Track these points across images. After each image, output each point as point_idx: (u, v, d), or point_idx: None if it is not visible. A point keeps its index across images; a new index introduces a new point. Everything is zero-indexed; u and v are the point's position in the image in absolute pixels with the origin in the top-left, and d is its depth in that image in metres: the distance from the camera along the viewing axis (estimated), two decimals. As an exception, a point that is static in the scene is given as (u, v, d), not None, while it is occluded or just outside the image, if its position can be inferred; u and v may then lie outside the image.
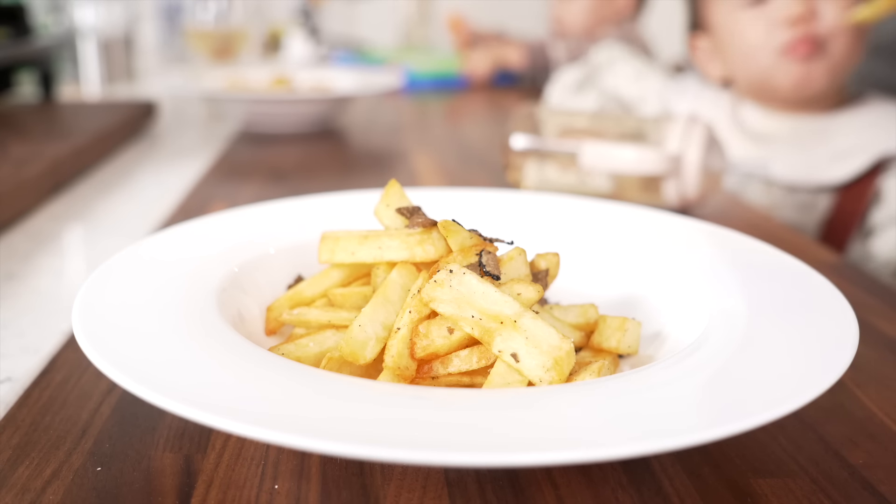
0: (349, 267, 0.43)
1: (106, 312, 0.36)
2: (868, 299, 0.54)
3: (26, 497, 0.32)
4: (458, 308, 0.35)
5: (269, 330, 0.44)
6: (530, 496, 0.33)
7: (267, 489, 0.33)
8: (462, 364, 0.36)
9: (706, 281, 0.43)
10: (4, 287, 0.57)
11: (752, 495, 0.33)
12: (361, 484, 0.33)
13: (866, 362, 0.45)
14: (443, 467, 0.34)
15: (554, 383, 0.34)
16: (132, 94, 1.48)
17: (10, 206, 0.70)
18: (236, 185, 0.85)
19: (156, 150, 1.05)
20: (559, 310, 0.43)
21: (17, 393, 0.41)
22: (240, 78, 1.28)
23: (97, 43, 1.52)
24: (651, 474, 0.34)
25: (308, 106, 1.13)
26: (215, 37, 1.75)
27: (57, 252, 0.65)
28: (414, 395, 0.32)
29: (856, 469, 0.35)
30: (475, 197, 0.58)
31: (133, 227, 0.72)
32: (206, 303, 0.39)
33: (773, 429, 0.38)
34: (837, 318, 0.37)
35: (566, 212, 0.56)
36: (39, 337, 0.49)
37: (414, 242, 0.40)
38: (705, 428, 0.28)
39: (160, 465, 0.34)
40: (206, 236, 0.48)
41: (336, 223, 0.49)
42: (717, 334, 0.37)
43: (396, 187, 0.43)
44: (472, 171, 0.95)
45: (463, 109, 1.54)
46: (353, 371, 0.37)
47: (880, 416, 0.40)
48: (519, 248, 0.41)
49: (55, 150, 0.84)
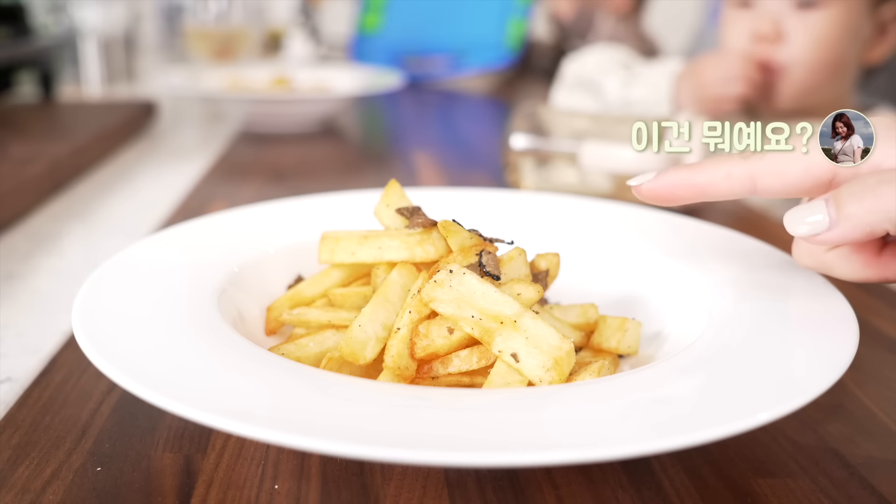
0: (349, 267, 0.43)
1: (106, 312, 0.36)
2: (868, 299, 0.54)
3: (26, 497, 0.32)
4: (458, 308, 0.35)
5: (269, 330, 0.44)
6: (530, 496, 0.33)
7: (267, 489, 0.33)
8: (462, 364, 0.36)
9: (706, 281, 0.43)
10: (4, 287, 0.57)
11: (752, 495, 0.33)
12: (361, 484, 0.33)
13: (866, 362, 0.45)
14: (443, 467, 0.34)
15: (554, 383, 0.34)
16: (132, 94, 1.48)
17: (10, 206, 0.70)
18: (236, 185, 0.85)
19: (156, 150, 1.05)
20: (559, 310, 0.43)
21: (17, 393, 0.41)
22: (240, 78, 1.28)
23: (97, 43, 1.52)
24: (651, 474, 0.34)
25: (308, 106, 1.13)
26: (215, 37, 1.75)
27: (57, 252, 0.65)
28: (414, 395, 0.32)
29: (856, 469, 0.35)
30: (475, 197, 0.58)
31: (133, 227, 0.72)
32: (206, 303, 0.39)
33: (773, 429, 0.38)
34: (837, 318, 0.37)
35: (566, 212, 0.56)
36: (39, 337, 0.49)
37: (414, 242, 0.40)
38: (705, 428, 0.28)
39: (160, 465, 0.34)
40: (206, 236, 0.48)
41: (336, 223, 0.49)
42: (717, 334, 0.37)
43: (396, 187, 0.43)
44: (472, 171, 0.95)
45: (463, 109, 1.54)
46: (353, 371, 0.37)
47: (880, 416, 0.40)
48: (519, 248, 0.41)
49: (55, 150, 0.84)
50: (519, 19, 1.73)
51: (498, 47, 1.73)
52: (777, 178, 0.35)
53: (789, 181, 0.35)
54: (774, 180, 0.35)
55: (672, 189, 0.37)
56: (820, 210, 0.33)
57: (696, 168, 0.36)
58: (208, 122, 1.26)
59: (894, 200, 0.31)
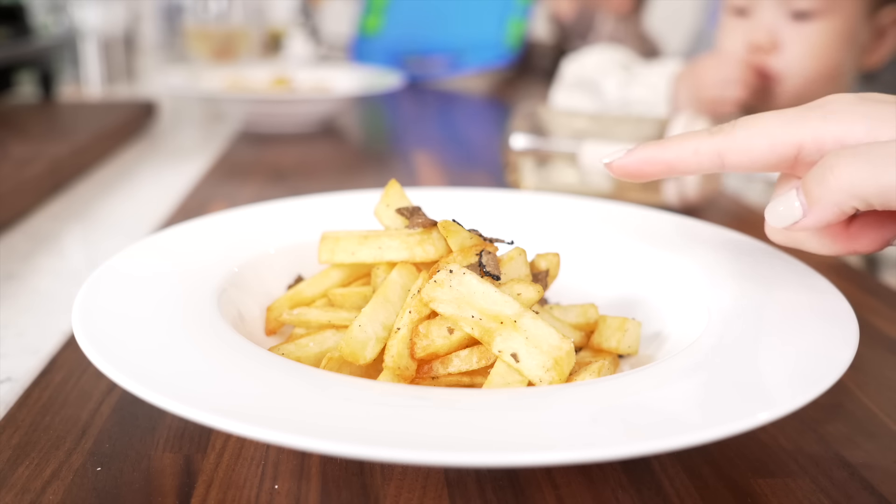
0: (349, 267, 0.43)
1: (106, 312, 0.36)
2: (868, 299, 0.54)
3: (26, 497, 0.32)
4: (458, 308, 0.35)
5: (269, 330, 0.44)
6: (530, 496, 0.33)
7: (267, 489, 0.33)
8: (462, 364, 0.36)
9: (706, 281, 0.43)
10: (4, 287, 0.57)
11: (752, 495, 0.33)
12: (361, 484, 0.33)
13: (866, 362, 0.45)
14: (443, 467, 0.34)
15: (554, 383, 0.34)
16: (132, 94, 1.48)
17: (10, 206, 0.70)
18: (236, 185, 0.85)
19: (156, 150, 1.05)
20: (559, 310, 0.43)
21: (17, 393, 0.41)
22: (240, 78, 1.28)
23: (97, 43, 1.52)
24: (651, 474, 0.34)
25: (308, 106, 1.13)
26: (215, 37, 1.75)
27: (57, 252, 0.65)
28: (414, 395, 0.32)
29: (856, 469, 0.35)
30: (475, 197, 0.58)
31: (133, 227, 0.72)
32: (207, 303, 0.39)
33: (773, 429, 0.38)
34: (837, 318, 0.37)
35: (566, 212, 0.56)
36: (39, 337, 0.49)
37: (414, 242, 0.40)
38: (705, 428, 0.28)
39: (160, 465, 0.34)
40: (206, 236, 0.48)
41: (336, 223, 0.49)
42: (717, 334, 0.37)
43: (396, 187, 0.43)
44: (472, 171, 0.95)
45: (463, 109, 1.54)
46: (353, 371, 0.37)
47: (880, 416, 0.40)
48: (519, 248, 0.41)
49: (55, 150, 0.84)
50: (518, 19, 1.73)
51: (497, 47, 1.73)
52: (744, 153, 0.36)
53: (755, 157, 0.36)
54: (741, 156, 0.36)
55: (641, 165, 0.37)
56: (792, 200, 0.34)
57: (665, 144, 0.37)
58: (208, 122, 1.26)
59: (851, 178, 0.32)
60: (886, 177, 0.31)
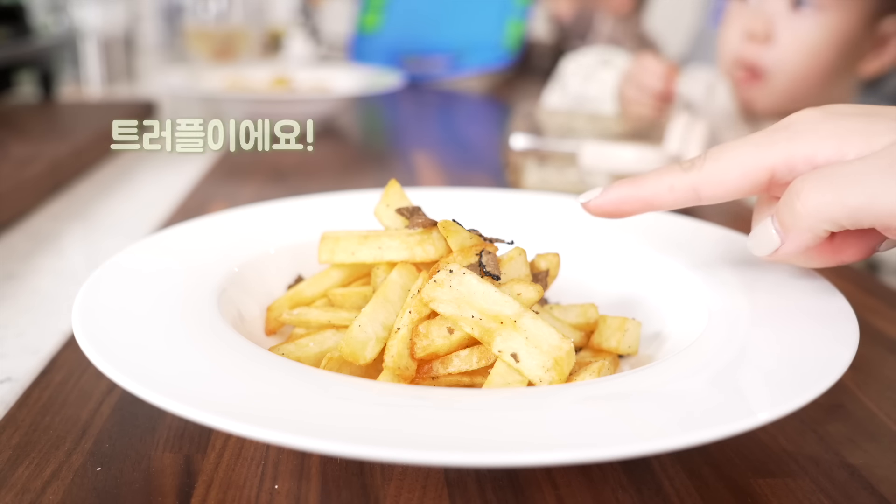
0: (349, 267, 0.43)
1: (106, 312, 0.36)
2: (868, 299, 0.54)
3: (26, 497, 0.32)
4: (458, 308, 0.35)
5: (269, 330, 0.44)
6: (530, 496, 0.33)
7: (267, 489, 0.33)
8: (462, 364, 0.36)
9: (706, 281, 0.43)
10: (4, 287, 0.57)
11: (752, 495, 0.33)
12: (361, 484, 0.33)
13: (866, 362, 0.45)
14: (443, 467, 0.34)
15: (554, 383, 0.34)
16: (132, 94, 1.48)
17: (10, 206, 0.70)
18: (236, 185, 0.85)
19: (156, 151, 1.05)
20: (559, 310, 0.43)
21: (17, 393, 0.41)
22: (240, 78, 1.28)
23: (97, 43, 1.52)
24: (651, 474, 0.34)
25: (308, 106, 1.13)
26: (215, 37, 1.75)
27: (57, 252, 0.65)
28: (414, 395, 0.32)
29: (856, 469, 0.35)
30: (475, 197, 0.58)
31: (133, 227, 0.72)
32: (207, 303, 0.39)
33: (773, 429, 0.38)
34: (837, 318, 0.37)
35: (566, 212, 0.56)
36: (39, 337, 0.49)
37: (414, 242, 0.40)
38: (705, 428, 0.28)
39: (160, 465, 0.34)
40: (206, 236, 0.48)
41: (336, 223, 0.49)
42: (717, 334, 0.37)
43: (396, 187, 0.43)
44: (472, 171, 0.95)
45: (463, 109, 1.54)
46: (353, 371, 0.37)
47: (880, 416, 0.40)
48: (519, 248, 0.41)
49: (55, 150, 0.84)
50: (517, 20, 1.73)
51: (496, 48, 1.73)
52: (718, 186, 0.36)
53: (730, 188, 0.36)
54: (716, 188, 0.36)
55: (619, 204, 0.38)
56: (769, 228, 0.36)
57: (640, 182, 0.38)
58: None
59: (817, 203, 0.33)
60: (850, 199, 0.32)
